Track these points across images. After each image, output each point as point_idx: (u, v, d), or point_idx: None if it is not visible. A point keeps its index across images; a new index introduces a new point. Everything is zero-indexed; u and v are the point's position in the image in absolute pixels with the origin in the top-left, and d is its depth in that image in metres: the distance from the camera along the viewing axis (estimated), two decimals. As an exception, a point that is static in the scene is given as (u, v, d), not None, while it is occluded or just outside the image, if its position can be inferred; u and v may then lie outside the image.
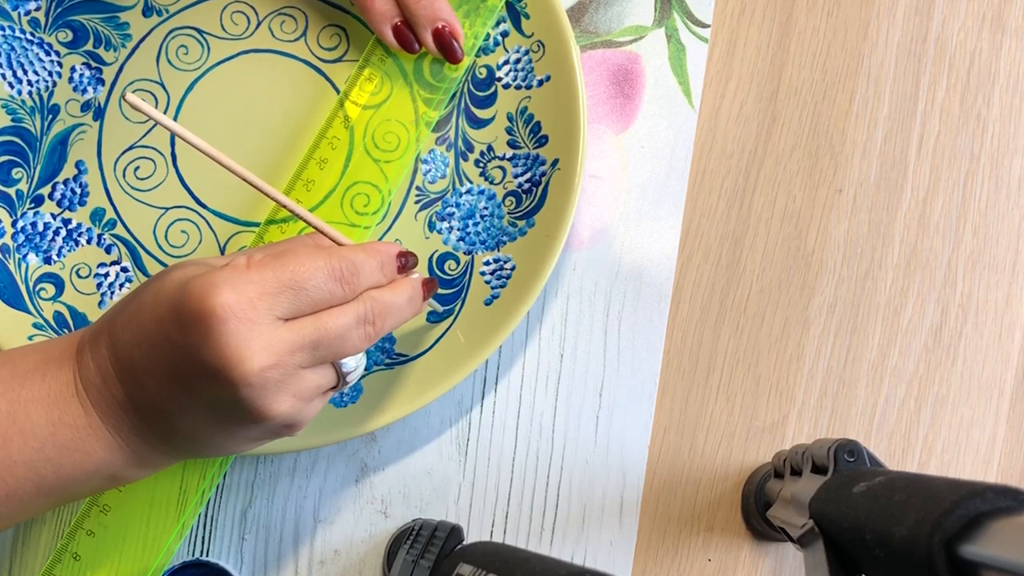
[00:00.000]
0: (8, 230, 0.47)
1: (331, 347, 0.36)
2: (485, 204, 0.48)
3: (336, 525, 0.50)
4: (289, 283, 0.35)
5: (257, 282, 0.34)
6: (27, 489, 0.36)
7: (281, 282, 0.35)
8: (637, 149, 0.52)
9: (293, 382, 0.35)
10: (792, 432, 0.52)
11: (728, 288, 0.52)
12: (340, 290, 0.36)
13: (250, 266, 0.35)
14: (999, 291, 0.53)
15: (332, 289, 0.36)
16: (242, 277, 0.34)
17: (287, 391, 0.35)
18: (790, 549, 0.52)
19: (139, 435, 0.37)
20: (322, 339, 0.36)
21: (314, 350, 0.36)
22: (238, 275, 0.34)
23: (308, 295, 0.35)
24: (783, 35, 0.53)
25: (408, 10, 0.44)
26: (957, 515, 0.28)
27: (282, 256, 0.36)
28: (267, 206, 0.48)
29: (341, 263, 0.36)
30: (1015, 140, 0.54)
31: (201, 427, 0.37)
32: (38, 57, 0.47)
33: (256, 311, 0.34)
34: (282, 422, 0.36)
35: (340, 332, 0.36)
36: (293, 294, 0.35)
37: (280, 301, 0.35)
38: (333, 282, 0.36)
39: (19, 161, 0.47)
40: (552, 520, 0.50)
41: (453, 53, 0.45)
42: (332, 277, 0.36)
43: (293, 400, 0.36)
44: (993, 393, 0.53)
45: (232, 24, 0.48)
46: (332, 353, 0.36)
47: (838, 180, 0.53)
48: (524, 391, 0.50)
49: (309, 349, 0.35)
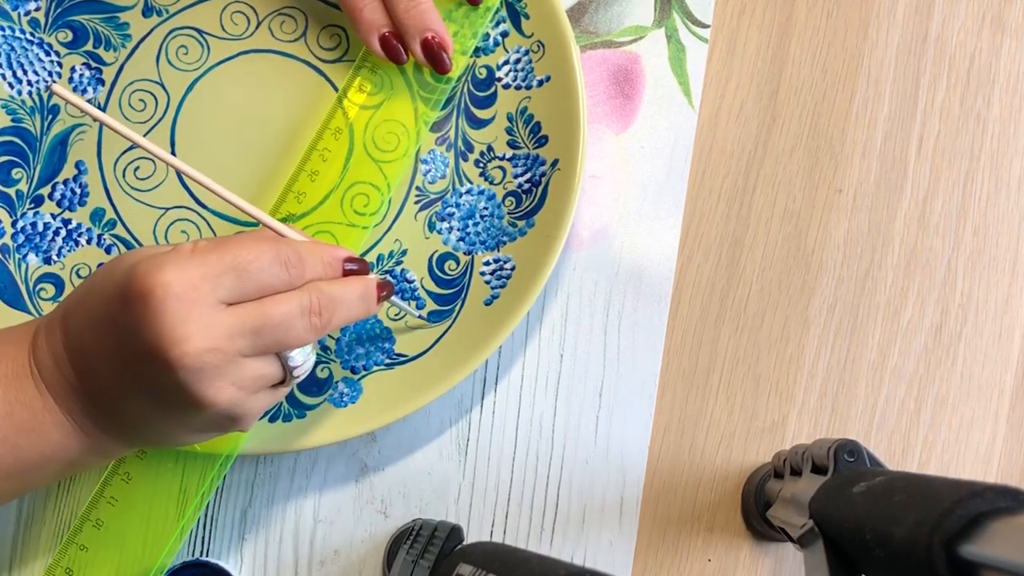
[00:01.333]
0: (8, 230, 0.47)
1: (273, 335, 0.35)
2: (485, 204, 0.48)
3: (336, 525, 0.50)
4: (232, 264, 0.34)
5: (200, 264, 0.34)
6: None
7: (224, 263, 0.34)
8: (637, 149, 0.52)
9: (233, 369, 0.35)
10: (792, 432, 0.52)
11: (728, 288, 0.52)
12: (285, 273, 0.36)
13: (195, 250, 0.35)
14: (999, 291, 0.53)
15: (277, 272, 0.35)
16: (185, 259, 0.34)
17: (225, 378, 0.35)
18: (790, 549, 0.52)
19: (91, 420, 0.37)
20: (264, 325, 0.35)
21: (256, 336, 0.35)
22: (182, 257, 0.34)
23: (252, 277, 0.35)
24: (783, 35, 0.53)
25: (397, 19, 0.44)
26: (957, 515, 0.28)
27: (226, 240, 0.36)
28: (267, 207, 0.48)
29: (287, 249, 0.36)
30: (1015, 140, 0.54)
31: (146, 413, 0.36)
32: (38, 57, 0.47)
33: (197, 291, 0.34)
34: (222, 411, 0.36)
35: (283, 319, 0.35)
36: (236, 275, 0.34)
37: (222, 283, 0.34)
38: (277, 265, 0.35)
39: (19, 161, 0.47)
40: (552, 520, 0.50)
41: (441, 64, 0.45)
42: (276, 260, 0.35)
43: (233, 389, 0.35)
44: (993, 393, 0.53)
45: (232, 24, 0.48)
46: (275, 342, 0.36)
47: (838, 180, 0.53)
48: (524, 391, 0.50)
49: (250, 335, 0.35)
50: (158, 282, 0.33)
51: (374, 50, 0.45)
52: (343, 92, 0.47)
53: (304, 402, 0.47)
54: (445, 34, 0.45)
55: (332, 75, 0.48)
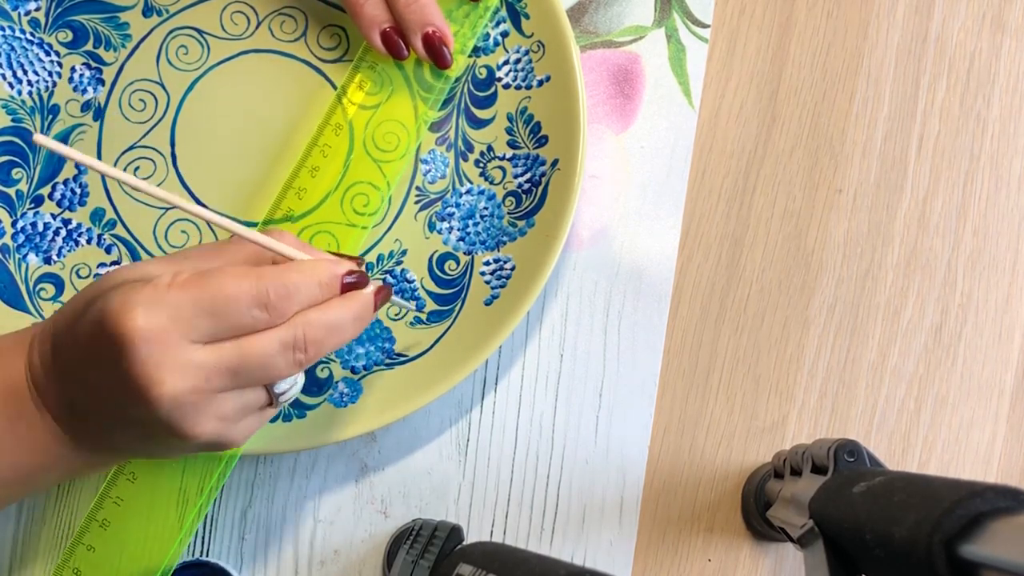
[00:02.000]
0: (8, 230, 0.47)
1: (253, 373, 0.34)
2: (485, 204, 0.48)
3: (336, 525, 0.50)
4: (208, 308, 0.33)
5: (174, 305, 0.33)
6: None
7: (200, 307, 0.33)
8: (637, 149, 0.52)
9: (213, 405, 0.34)
10: (792, 432, 0.52)
11: (728, 288, 0.52)
12: (264, 315, 0.34)
13: (171, 285, 0.33)
14: (999, 291, 0.53)
15: (256, 315, 0.34)
16: (160, 299, 0.33)
17: (207, 414, 0.34)
18: (790, 549, 0.52)
19: (84, 436, 0.37)
20: (242, 365, 0.34)
21: (234, 375, 0.34)
22: (156, 296, 0.33)
23: (228, 320, 0.33)
24: (783, 35, 0.53)
25: (398, 14, 0.44)
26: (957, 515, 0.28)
27: (206, 277, 0.34)
28: (267, 207, 0.48)
29: (269, 287, 0.34)
30: (1015, 140, 0.54)
31: (133, 438, 0.36)
32: (38, 57, 0.47)
33: (167, 334, 0.33)
34: (207, 441, 0.35)
35: (262, 359, 0.34)
36: (211, 319, 0.33)
37: (196, 325, 0.33)
38: (256, 308, 0.34)
39: (19, 161, 0.47)
40: (552, 520, 0.50)
41: (442, 59, 0.45)
42: (255, 302, 0.34)
43: (216, 422, 0.35)
44: (993, 393, 0.53)
45: (232, 24, 0.48)
46: (255, 379, 0.35)
47: (838, 180, 0.53)
48: (524, 391, 0.50)
49: (228, 374, 0.34)
50: (129, 327, 0.32)
51: (375, 46, 0.45)
52: (342, 89, 0.47)
53: (304, 402, 0.47)
54: (446, 29, 0.45)
55: (332, 75, 0.48)
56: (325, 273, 0.36)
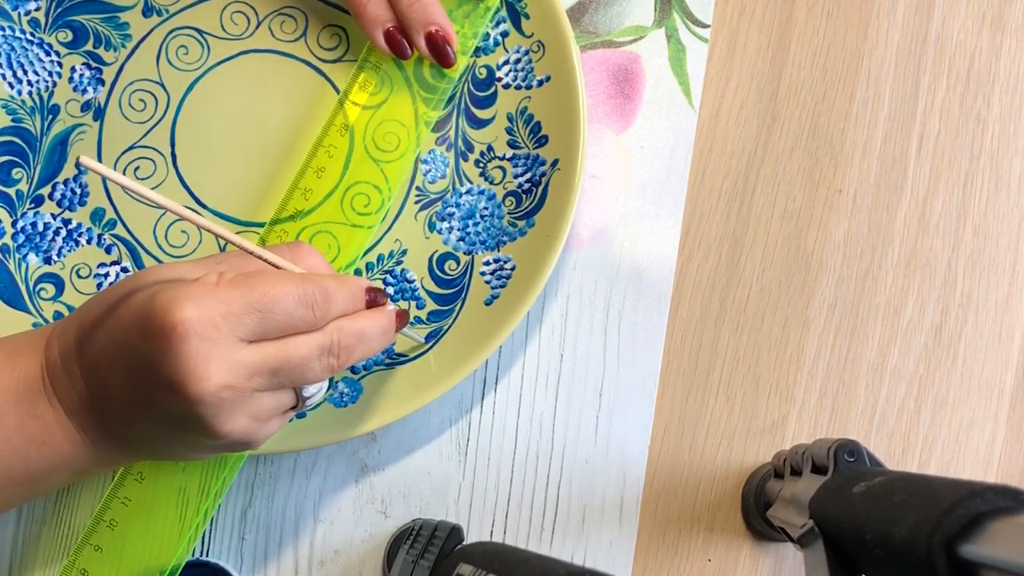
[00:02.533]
0: (8, 230, 0.47)
1: (291, 374, 0.35)
2: (485, 204, 0.48)
3: (336, 525, 0.50)
4: (257, 305, 0.34)
5: (224, 301, 0.34)
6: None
7: (249, 303, 0.34)
8: (637, 149, 0.52)
9: (249, 403, 0.35)
10: (792, 432, 0.52)
11: (728, 288, 0.52)
12: (311, 316, 0.35)
13: (219, 283, 0.34)
14: (999, 291, 0.53)
15: (303, 315, 0.35)
16: (210, 294, 0.34)
17: (242, 412, 0.35)
18: (790, 549, 0.52)
19: (101, 434, 0.37)
20: (283, 366, 0.35)
21: (273, 375, 0.35)
22: (206, 292, 0.34)
23: (276, 319, 0.35)
24: (783, 35, 0.53)
25: (401, 13, 0.44)
26: (957, 515, 0.28)
27: (253, 277, 0.35)
28: (267, 207, 0.48)
29: (314, 288, 0.35)
30: (1015, 140, 0.54)
31: (158, 435, 0.36)
32: (38, 57, 0.47)
33: (218, 330, 0.33)
34: (236, 439, 0.36)
35: (302, 361, 0.35)
36: (260, 316, 0.34)
37: (245, 323, 0.34)
38: (304, 308, 0.35)
39: (19, 161, 0.47)
40: (552, 520, 0.50)
41: (446, 57, 0.45)
42: (303, 302, 0.35)
43: (248, 420, 0.35)
44: (993, 393, 0.53)
45: (232, 24, 0.48)
46: (291, 380, 0.36)
47: (838, 180, 0.53)
48: (524, 391, 0.50)
49: (268, 374, 0.35)
50: (180, 319, 0.33)
51: (379, 45, 0.45)
52: (346, 90, 0.47)
53: (304, 402, 0.47)
54: (449, 27, 0.45)
55: (332, 75, 0.48)
56: (355, 284, 0.37)
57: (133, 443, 0.38)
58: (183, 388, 0.33)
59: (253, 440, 0.37)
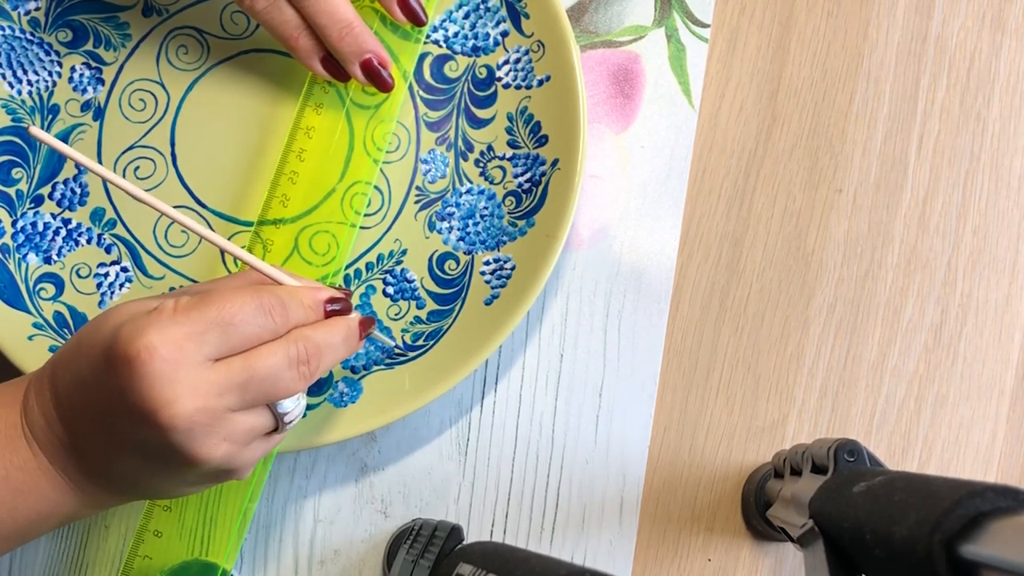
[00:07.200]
0: (8, 230, 0.47)
1: (261, 388, 0.35)
2: (485, 204, 0.48)
3: (336, 525, 0.50)
4: (216, 320, 0.34)
5: (183, 323, 0.34)
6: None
7: (208, 320, 0.34)
8: (637, 149, 0.52)
9: (223, 425, 0.35)
10: (792, 432, 0.52)
11: (728, 288, 0.52)
12: (271, 322, 0.35)
13: (176, 309, 0.34)
14: (999, 291, 0.53)
15: (263, 322, 0.35)
16: (168, 319, 0.34)
17: (217, 435, 0.35)
18: (790, 549, 0.52)
19: (84, 476, 0.37)
20: (251, 379, 0.35)
21: (243, 391, 0.35)
22: (165, 317, 0.34)
23: (237, 330, 0.34)
24: (783, 35, 0.53)
25: (333, 48, 0.44)
26: (957, 515, 0.28)
27: (207, 295, 0.35)
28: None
29: (269, 296, 0.35)
30: (1015, 140, 0.54)
31: (138, 471, 0.36)
32: (38, 57, 0.47)
33: (182, 351, 0.33)
34: (217, 466, 0.35)
35: (270, 372, 0.35)
36: (221, 331, 0.34)
37: (208, 340, 0.34)
38: (263, 315, 0.35)
39: (19, 161, 0.47)
40: (552, 520, 0.50)
41: (383, 82, 0.45)
42: (260, 310, 0.35)
43: (226, 445, 0.35)
44: (993, 393, 0.53)
45: (232, 24, 0.48)
46: (263, 395, 0.35)
47: (838, 180, 0.53)
48: (524, 391, 0.50)
49: (238, 390, 0.35)
50: (142, 345, 0.33)
51: (319, 74, 0.45)
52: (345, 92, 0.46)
53: (304, 402, 0.47)
54: (382, 52, 0.45)
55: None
56: (309, 297, 0.37)
57: (116, 481, 0.37)
58: (154, 416, 0.33)
59: (236, 467, 0.36)
